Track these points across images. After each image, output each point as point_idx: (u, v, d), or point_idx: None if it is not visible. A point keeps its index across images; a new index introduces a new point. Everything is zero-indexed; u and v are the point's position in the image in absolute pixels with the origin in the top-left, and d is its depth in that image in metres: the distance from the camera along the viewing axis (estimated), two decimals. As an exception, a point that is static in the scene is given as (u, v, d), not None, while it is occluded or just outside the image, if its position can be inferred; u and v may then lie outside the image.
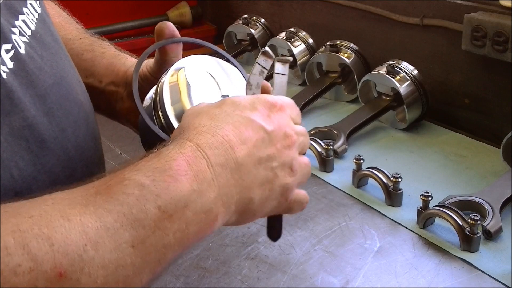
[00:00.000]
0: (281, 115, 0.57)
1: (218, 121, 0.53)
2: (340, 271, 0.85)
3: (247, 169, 0.52)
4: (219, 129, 0.52)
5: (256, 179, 0.54)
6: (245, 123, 0.54)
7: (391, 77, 1.24)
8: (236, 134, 0.52)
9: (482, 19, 1.15)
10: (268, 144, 0.55)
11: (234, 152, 0.52)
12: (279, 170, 0.56)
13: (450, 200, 0.95)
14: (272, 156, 0.55)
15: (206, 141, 0.51)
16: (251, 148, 0.53)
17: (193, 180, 0.48)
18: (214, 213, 0.50)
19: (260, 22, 1.69)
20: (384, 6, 1.41)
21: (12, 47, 0.50)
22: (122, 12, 1.85)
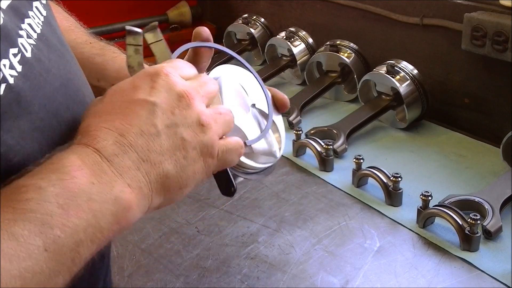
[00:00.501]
0: (167, 79, 0.54)
1: (102, 115, 0.52)
2: (340, 270, 0.85)
3: (146, 147, 0.51)
4: (103, 122, 0.51)
5: (162, 151, 0.52)
6: (129, 105, 0.52)
7: (391, 76, 1.24)
8: (122, 119, 0.51)
9: (482, 19, 1.15)
10: (161, 114, 0.52)
11: (125, 137, 0.50)
12: (185, 132, 0.53)
13: (450, 199, 0.95)
14: (170, 123, 0.52)
15: (93, 138, 0.50)
16: (142, 125, 0.51)
17: (90, 174, 0.47)
18: (125, 201, 0.48)
19: (260, 21, 1.69)
20: (384, 5, 1.41)
21: (18, 51, 0.51)
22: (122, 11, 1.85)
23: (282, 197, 1.05)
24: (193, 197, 1.05)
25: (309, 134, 1.21)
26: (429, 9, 1.31)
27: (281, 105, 0.73)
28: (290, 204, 1.02)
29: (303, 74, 1.49)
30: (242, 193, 1.06)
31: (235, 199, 1.04)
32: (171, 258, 0.90)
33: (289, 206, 1.02)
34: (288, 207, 1.01)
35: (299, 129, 1.18)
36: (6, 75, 0.48)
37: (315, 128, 1.24)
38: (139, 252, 0.91)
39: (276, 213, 1.00)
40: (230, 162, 0.59)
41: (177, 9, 1.94)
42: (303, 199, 1.04)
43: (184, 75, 0.57)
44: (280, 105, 0.73)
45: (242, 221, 0.98)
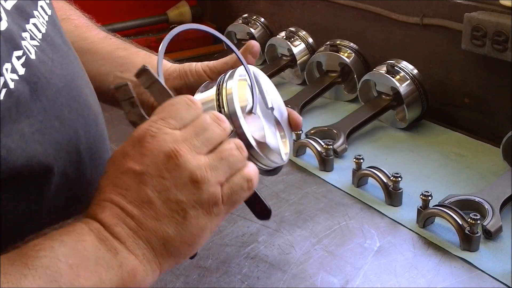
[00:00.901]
0: (153, 141, 0.52)
1: (102, 187, 0.53)
2: (340, 270, 0.85)
3: (142, 215, 0.51)
4: (102, 193, 0.53)
5: (158, 217, 0.51)
6: (120, 175, 0.52)
7: (391, 76, 1.24)
8: (116, 191, 0.52)
9: (482, 19, 1.15)
10: (150, 181, 0.51)
11: (121, 208, 0.51)
12: (180, 194, 0.51)
13: (450, 199, 0.95)
14: (161, 188, 0.51)
15: (95, 210, 0.52)
16: (135, 195, 0.51)
17: (97, 240, 0.50)
18: (129, 268, 0.50)
19: (260, 21, 1.69)
20: (384, 5, 1.41)
21: (23, 53, 0.51)
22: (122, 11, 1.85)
23: (282, 197, 1.05)
24: (193, 197, 1.05)
25: (309, 134, 1.21)
26: (429, 9, 1.31)
27: (295, 124, 0.75)
28: (290, 204, 1.02)
29: (303, 74, 1.49)
30: (242, 193, 1.06)
31: (235, 199, 1.04)
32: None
33: (289, 206, 1.02)
34: (288, 207, 1.01)
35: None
36: (7, 80, 0.48)
37: (315, 128, 1.24)
38: (139, 252, 0.91)
39: (276, 213, 1.00)
40: (241, 201, 0.57)
41: (177, 9, 1.94)
42: (303, 199, 1.04)
43: (179, 122, 0.54)
44: (295, 124, 0.74)
45: (242, 221, 0.98)
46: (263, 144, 0.63)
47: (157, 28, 1.91)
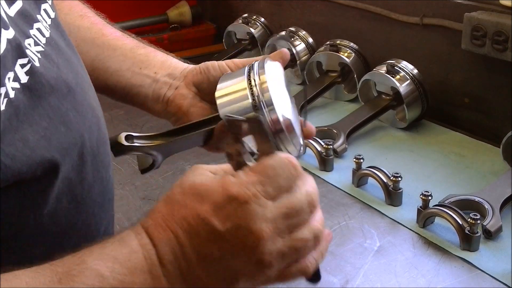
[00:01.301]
0: (244, 209, 0.50)
1: (171, 209, 0.52)
2: (340, 270, 0.85)
3: (197, 266, 0.51)
4: (169, 220, 0.51)
5: (211, 278, 0.51)
6: (195, 219, 0.51)
7: (391, 76, 1.24)
8: (184, 228, 0.51)
9: (482, 19, 1.15)
10: (221, 244, 0.50)
11: (182, 249, 0.50)
12: (241, 269, 0.51)
13: (450, 199, 0.95)
14: (226, 255, 0.51)
15: (157, 235, 0.51)
16: (200, 247, 0.50)
17: (147, 275, 0.49)
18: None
19: (260, 21, 1.69)
20: (384, 5, 1.41)
21: (28, 61, 0.51)
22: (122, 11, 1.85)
23: (282, 196, 1.04)
24: (193, 197, 1.05)
25: (309, 134, 1.21)
26: (429, 9, 1.31)
27: (308, 133, 0.74)
28: (290, 204, 1.02)
29: (303, 73, 1.49)
30: (242, 193, 1.06)
31: (235, 199, 1.04)
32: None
33: (289, 206, 1.01)
34: (288, 206, 1.01)
35: (299, 129, 1.18)
36: (9, 89, 0.48)
37: (315, 128, 1.23)
38: (139, 252, 0.91)
39: (276, 212, 1.00)
40: (292, 277, 0.55)
41: (177, 8, 1.94)
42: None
43: (275, 190, 0.52)
44: (308, 133, 0.74)
45: (242, 221, 0.98)
46: (293, 133, 0.63)
47: (157, 28, 1.91)
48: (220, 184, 0.51)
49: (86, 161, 0.58)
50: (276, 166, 0.52)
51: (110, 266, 0.48)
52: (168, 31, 1.89)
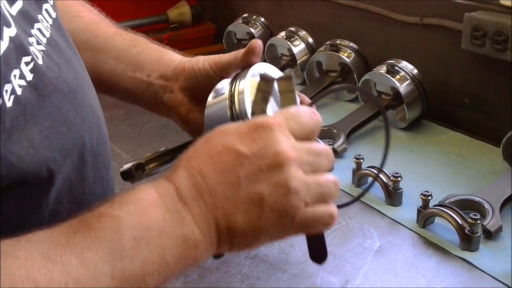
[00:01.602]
0: (270, 135, 0.52)
1: (195, 152, 0.53)
2: (340, 270, 0.85)
3: (223, 195, 0.51)
4: (193, 159, 0.52)
5: (237, 203, 0.51)
6: (222, 150, 0.52)
7: (391, 76, 1.24)
8: (209, 162, 0.51)
9: (482, 18, 1.15)
10: (249, 167, 0.51)
11: (206, 180, 0.51)
12: (267, 191, 0.51)
13: (450, 199, 0.95)
14: (253, 178, 0.51)
15: (178, 174, 0.51)
16: (226, 173, 0.51)
17: (164, 210, 0.49)
18: (193, 240, 0.50)
19: (260, 21, 1.69)
20: (384, 5, 1.41)
21: (31, 59, 0.51)
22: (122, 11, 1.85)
23: (282, 196, 1.04)
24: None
25: (309, 134, 1.21)
26: (429, 9, 1.31)
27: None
28: (290, 204, 1.02)
29: (303, 73, 1.49)
30: (242, 193, 1.06)
31: (235, 199, 1.04)
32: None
33: (289, 206, 1.01)
34: (288, 206, 1.01)
35: (299, 129, 1.18)
36: (15, 86, 0.48)
37: (315, 128, 1.23)
38: (139, 252, 0.91)
39: (276, 212, 1.00)
40: (313, 230, 0.56)
41: (177, 8, 1.94)
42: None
43: (299, 128, 0.55)
44: None
45: (242, 221, 0.98)
46: None
47: (157, 28, 1.91)
48: (245, 122, 0.54)
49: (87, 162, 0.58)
50: (300, 111, 0.56)
51: (124, 208, 0.48)
52: (168, 31, 1.89)
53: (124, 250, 0.46)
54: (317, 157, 0.55)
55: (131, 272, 0.46)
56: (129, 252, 0.46)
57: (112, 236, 0.46)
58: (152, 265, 0.47)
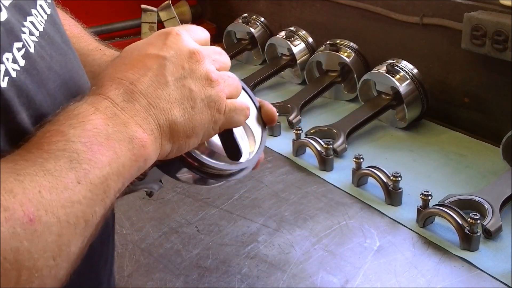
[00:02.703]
0: (179, 39, 0.58)
1: (117, 67, 0.56)
2: (340, 270, 0.85)
3: (155, 95, 0.55)
4: (117, 72, 0.55)
5: (170, 100, 0.55)
6: (142, 58, 0.56)
7: (391, 76, 1.24)
8: (134, 70, 0.55)
9: (482, 18, 1.15)
10: (171, 67, 0.56)
11: (136, 86, 0.54)
12: (194, 84, 0.57)
13: (450, 199, 0.95)
14: (179, 76, 0.56)
15: (106, 88, 0.54)
16: (153, 76, 0.55)
17: (104, 117, 0.51)
18: (139, 140, 0.52)
19: (260, 21, 1.69)
20: (384, 5, 1.41)
21: (23, 46, 0.51)
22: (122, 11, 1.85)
23: (282, 196, 1.05)
24: (193, 197, 1.05)
25: (309, 134, 1.21)
26: (429, 9, 1.31)
27: (269, 118, 0.73)
28: (290, 204, 1.02)
29: (303, 73, 1.49)
30: (242, 193, 1.06)
31: (234, 199, 1.04)
32: (171, 257, 0.90)
33: (289, 206, 1.02)
34: (288, 206, 1.01)
35: (299, 129, 1.18)
36: (9, 69, 0.48)
37: (315, 128, 1.24)
38: (139, 252, 0.91)
39: (276, 212, 1.00)
40: (237, 122, 0.62)
41: (177, 8, 1.94)
42: (303, 198, 1.04)
43: (197, 38, 0.61)
44: (268, 117, 0.73)
45: (242, 221, 0.98)
46: (209, 150, 0.65)
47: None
48: (155, 33, 0.60)
49: None
50: (192, 26, 0.62)
51: (65, 123, 0.50)
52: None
53: (80, 156, 0.48)
54: (220, 55, 0.62)
55: (93, 175, 0.48)
56: (85, 158, 0.48)
57: (64, 147, 0.48)
58: (109, 167, 0.49)
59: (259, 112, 0.72)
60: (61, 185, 0.46)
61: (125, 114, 0.52)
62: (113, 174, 0.50)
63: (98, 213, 0.49)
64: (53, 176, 0.46)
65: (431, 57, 1.34)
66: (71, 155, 0.47)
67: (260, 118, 0.72)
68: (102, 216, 0.50)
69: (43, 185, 0.45)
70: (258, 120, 0.72)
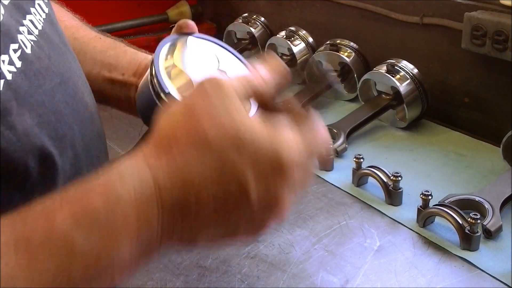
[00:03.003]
0: (293, 182, 0.47)
1: (202, 152, 0.45)
2: (340, 270, 0.85)
3: (198, 228, 0.46)
4: (187, 174, 0.44)
5: (208, 237, 0.48)
6: (227, 167, 0.44)
7: (391, 76, 1.24)
8: (213, 180, 0.44)
9: (482, 18, 1.15)
10: (250, 204, 0.45)
11: (199, 204, 0.45)
12: (252, 225, 0.48)
13: (450, 199, 0.95)
14: (249, 217, 0.46)
15: (163, 177, 0.44)
16: (220, 204, 0.45)
17: (135, 240, 0.44)
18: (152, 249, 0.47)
19: (260, 21, 1.69)
20: (384, 5, 1.41)
21: (19, 47, 0.51)
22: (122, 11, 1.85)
23: (282, 196, 1.04)
24: (193, 197, 1.05)
25: (309, 133, 1.21)
26: (429, 8, 1.31)
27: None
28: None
29: (303, 73, 1.49)
30: (242, 193, 1.06)
31: (235, 199, 1.04)
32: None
33: (289, 206, 1.01)
34: (288, 206, 1.01)
35: (299, 128, 1.18)
36: (4, 71, 0.48)
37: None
38: (139, 252, 0.91)
39: (276, 212, 0.99)
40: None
41: (177, 8, 1.94)
42: (303, 198, 1.04)
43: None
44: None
45: (242, 221, 0.98)
46: None
47: (157, 28, 1.91)
48: (274, 147, 0.45)
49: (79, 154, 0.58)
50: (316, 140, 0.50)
51: (84, 230, 0.42)
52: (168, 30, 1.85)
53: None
54: (310, 158, 0.49)
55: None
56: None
57: (62, 269, 0.41)
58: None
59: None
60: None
61: (156, 241, 0.45)
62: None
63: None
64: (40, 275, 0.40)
65: (431, 57, 1.33)
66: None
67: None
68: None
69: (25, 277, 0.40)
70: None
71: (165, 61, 0.63)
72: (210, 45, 0.69)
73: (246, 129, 0.45)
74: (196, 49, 0.67)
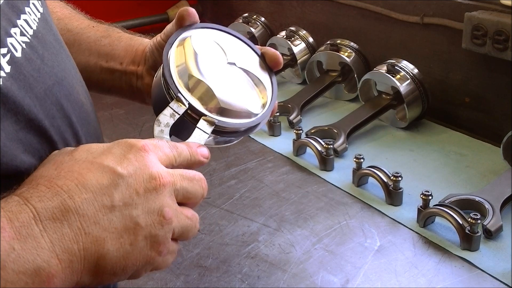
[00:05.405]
0: (145, 156, 0.50)
1: (62, 170, 0.48)
2: (340, 269, 0.85)
3: (93, 218, 0.46)
4: (59, 178, 0.47)
5: (109, 228, 0.47)
6: (92, 168, 0.48)
7: (391, 75, 1.24)
8: (79, 181, 0.46)
9: (482, 18, 1.15)
10: (125, 190, 0.48)
11: (74, 201, 0.45)
12: (142, 218, 0.48)
13: (450, 199, 0.95)
14: (129, 202, 0.48)
15: (38, 194, 0.45)
16: (97, 194, 0.46)
17: (14, 237, 0.43)
18: (46, 273, 0.43)
19: (260, 20, 1.69)
20: (384, 4, 1.41)
21: (8, 51, 0.50)
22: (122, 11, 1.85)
23: (283, 196, 1.05)
24: (194, 196, 1.05)
25: (309, 134, 1.21)
26: (430, 8, 1.31)
27: (273, 62, 0.71)
28: (290, 203, 1.02)
29: (303, 73, 1.49)
30: (242, 192, 1.06)
31: (235, 198, 1.04)
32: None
33: (289, 205, 1.02)
34: (288, 206, 1.01)
35: (299, 129, 1.18)
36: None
37: (316, 127, 1.24)
38: (139, 251, 0.91)
39: (277, 212, 1.00)
40: (164, 266, 0.53)
41: (178, 8, 1.94)
42: (303, 198, 1.04)
43: (165, 158, 0.53)
44: (272, 62, 0.71)
45: (242, 220, 0.98)
46: (220, 108, 0.63)
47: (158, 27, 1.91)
48: (117, 141, 0.51)
49: None
50: (178, 145, 0.55)
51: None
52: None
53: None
54: (191, 182, 0.53)
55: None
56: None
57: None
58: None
59: (263, 59, 0.72)
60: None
61: (44, 237, 0.44)
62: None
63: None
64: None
65: (432, 57, 1.34)
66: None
67: (265, 65, 0.72)
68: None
69: None
70: (263, 67, 0.71)
71: (175, 66, 0.64)
72: (215, 34, 0.71)
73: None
74: (202, 45, 0.68)
